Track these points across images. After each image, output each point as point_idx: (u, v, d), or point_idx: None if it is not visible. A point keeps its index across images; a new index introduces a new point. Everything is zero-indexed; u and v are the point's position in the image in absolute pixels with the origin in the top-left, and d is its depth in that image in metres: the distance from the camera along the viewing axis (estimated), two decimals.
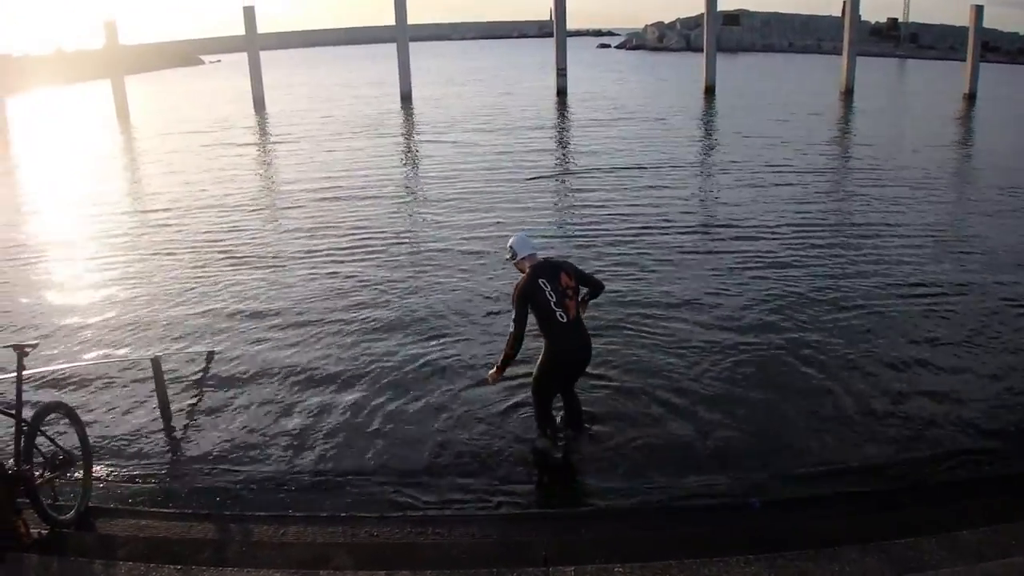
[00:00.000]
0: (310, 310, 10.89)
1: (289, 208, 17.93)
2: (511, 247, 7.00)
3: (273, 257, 13.76)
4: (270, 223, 16.56)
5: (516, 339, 6.65)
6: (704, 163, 22.89)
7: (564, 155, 24.83)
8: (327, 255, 13.69)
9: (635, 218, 15.68)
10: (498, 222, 15.51)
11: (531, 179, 20.18)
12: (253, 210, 17.83)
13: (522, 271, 6.89)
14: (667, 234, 14.50)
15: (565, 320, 6.60)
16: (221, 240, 15.00)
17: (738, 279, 11.85)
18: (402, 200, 18.77)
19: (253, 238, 15.19)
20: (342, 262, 13.22)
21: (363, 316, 10.60)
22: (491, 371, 6.97)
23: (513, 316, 6.65)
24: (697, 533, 5.53)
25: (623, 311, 10.40)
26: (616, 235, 14.39)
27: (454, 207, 17.21)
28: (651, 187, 18.70)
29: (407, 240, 14.88)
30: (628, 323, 10.03)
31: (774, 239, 14.08)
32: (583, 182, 19.70)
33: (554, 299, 6.58)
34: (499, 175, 20.85)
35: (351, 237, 14.87)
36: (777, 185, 18.75)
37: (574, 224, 15.53)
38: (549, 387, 6.97)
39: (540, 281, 6.62)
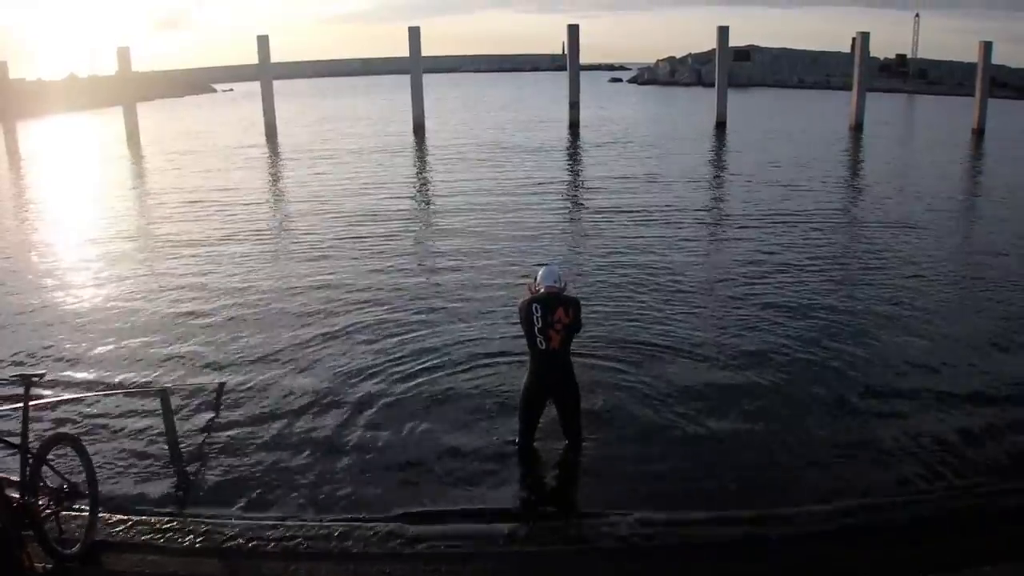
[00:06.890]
0: (321, 343, 10.79)
1: (299, 235, 17.96)
2: (539, 274, 7.40)
3: (285, 286, 13.72)
4: (280, 252, 16.56)
5: None
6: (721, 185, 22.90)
7: (577, 181, 24.86)
8: (339, 285, 13.62)
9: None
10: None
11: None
12: (262, 239, 17.85)
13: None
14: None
15: (544, 348, 7.11)
16: (231, 270, 14.97)
17: (757, 307, 11.87)
18: (418, 223, 19.22)
19: (263, 267, 15.19)
20: (353, 290, 13.24)
21: (378, 346, 10.55)
22: None
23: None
24: (714, 569, 5.44)
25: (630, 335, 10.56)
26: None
27: (469, 233, 17.35)
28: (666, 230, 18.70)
29: (422, 262, 15.27)
30: (639, 344, 10.21)
31: (801, 264, 14.39)
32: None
33: (539, 325, 7.09)
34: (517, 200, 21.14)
35: (364, 265, 14.96)
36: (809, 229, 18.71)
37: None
38: (525, 406, 7.44)
39: (534, 306, 7.14)
